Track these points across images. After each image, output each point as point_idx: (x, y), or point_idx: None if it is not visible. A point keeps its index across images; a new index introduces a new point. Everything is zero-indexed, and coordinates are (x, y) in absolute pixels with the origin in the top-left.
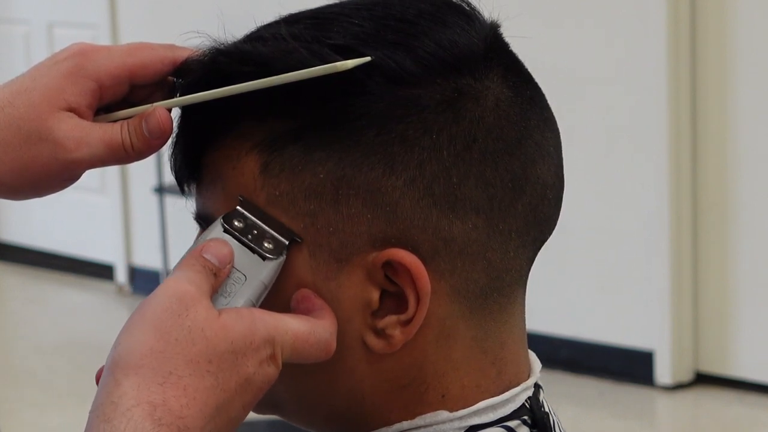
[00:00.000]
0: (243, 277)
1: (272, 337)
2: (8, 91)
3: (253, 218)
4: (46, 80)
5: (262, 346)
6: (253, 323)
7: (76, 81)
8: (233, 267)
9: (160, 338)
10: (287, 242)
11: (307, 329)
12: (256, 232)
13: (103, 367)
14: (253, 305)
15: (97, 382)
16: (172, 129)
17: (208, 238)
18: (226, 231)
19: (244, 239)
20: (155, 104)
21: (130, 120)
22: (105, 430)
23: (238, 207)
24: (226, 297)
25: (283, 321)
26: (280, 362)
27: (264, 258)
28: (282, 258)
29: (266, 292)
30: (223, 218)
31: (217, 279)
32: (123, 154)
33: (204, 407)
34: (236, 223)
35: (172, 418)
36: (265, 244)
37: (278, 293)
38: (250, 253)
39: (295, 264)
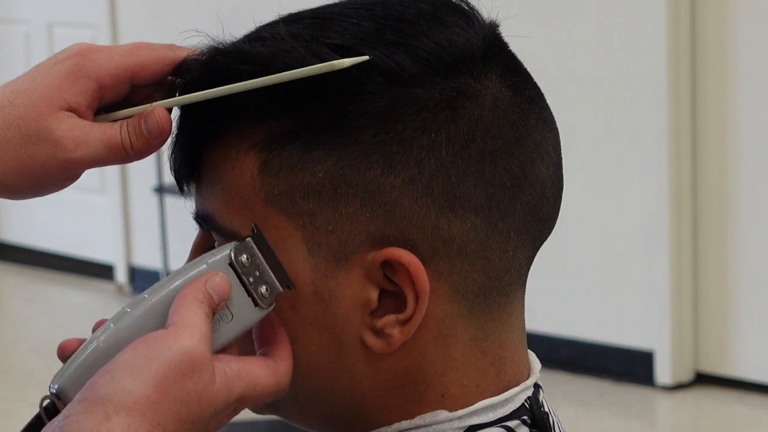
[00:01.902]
0: (230, 315)
1: (243, 396)
2: (8, 90)
3: (260, 257)
4: (46, 80)
5: (234, 403)
6: (232, 388)
7: (76, 81)
8: (226, 307)
9: (159, 391)
10: (282, 290)
11: (273, 382)
12: (258, 273)
13: (69, 341)
14: (229, 344)
15: (61, 358)
16: (171, 128)
17: (212, 261)
18: (231, 264)
19: (245, 279)
20: (154, 104)
21: (129, 120)
22: None
23: (249, 239)
24: (214, 333)
25: (255, 379)
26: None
27: (256, 304)
28: (272, 308)
29: (244, 335)
30: (233, 251)
31: (211, 315)
32: (122, 154)
33: None
34: (243, 259)
35: None
36: (261, 290)
37: None
38: (245, 294)
39: (294, 263)
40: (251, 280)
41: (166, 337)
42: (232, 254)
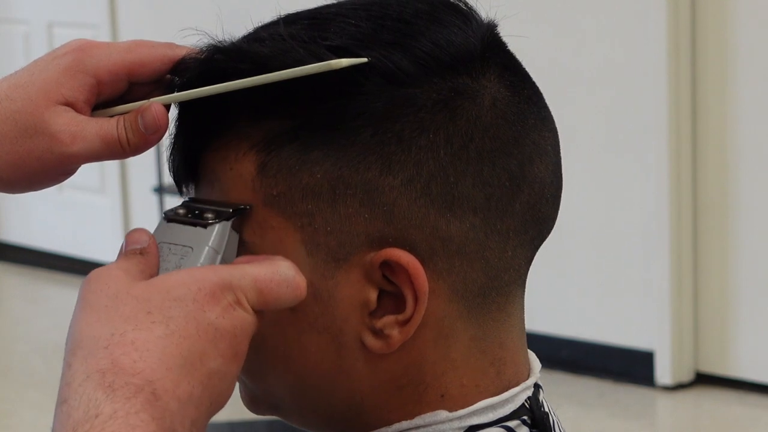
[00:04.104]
0: (189, 249)
1: (228, 282)
2: (6, 84)
3: (196, 204)
4: (45, 75)
5: (219, 293)
6: (191, 274)
7: (74, 76)
8: (179, 245)
9: (91, 312)
10: (231, 210)
11: (269, 270)
12: (197, 211)
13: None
14: None
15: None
16: (167, 124)
17: (153, 232)
18: (169, 221)
19: (186, 219)
20: (151, 100)
21: (126, 115)
22: (62, 413)
23: (183, 201)
24: (178, 269)
25: (239, 267)
26: (248, 306)
27: (206, 226)
28: (225, 222)
29: (219, 258)
30: (165, 211)
31: (149, 255)
32: (119, 149)
33: (163, 357)
34: (179, 211)
35: (126, 377)
36: (207, 215)
37: None
38: (193, 227)
39: (292, 263)
40: (191, 216)
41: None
42: (165, 213)
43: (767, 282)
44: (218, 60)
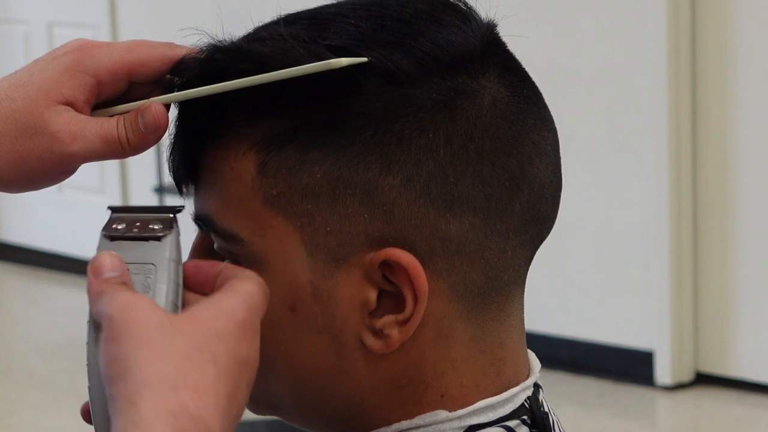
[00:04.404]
0: (152, 267)
1: (253, 309)
2: (6, 84)
3: (129, 215)
4: (45, 74)
5: (250, 322)
6: (220, 306)
7: (74, 76)
8: (138, 263)
9: (147, 346)
10: (172, 215)
11: (259, 286)
12: (138, 224)
13: (87, 402)
14: (177, 284)
15: (84, 418)
16: (167, 124)
17: (97, 254)
18: (113, 239)
19: (131, 236)
20: (151, 99)
21: (126, 114)
22: None
23: (111, 215)
24: (148, 291)
25: (248, 284)
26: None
27: (160, 239)
28: (175, 229)
29: (181, 267)
30: (103, 230)
31: (128, 285)
32: (119, 149)
33: (217, 399)
34: (118, 227)
35: (192, 422)
36: (154, 227)
37: (274, 291)
38: (145, 242)
39: (292, 264)
40: (135, 230)
41: (106, 322)
42: (104, 233)
43: (767, 282)
44: (218, 59)
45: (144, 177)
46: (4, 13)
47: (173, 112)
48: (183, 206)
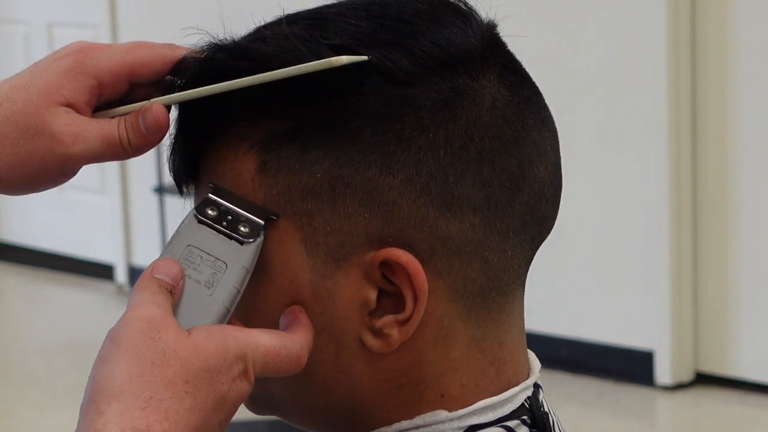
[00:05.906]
0: (224, 265)
1: (244, 353)
2: (7, 86)
3: (226, 204)
4: (46, 76)
5: (234, 363)
6: (224, 340)
7: (75, 77)
8: (213, 256)
9: (136, 363)
10: (263, 222)
11: (278, 343)
12: (230, 217)
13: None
14: (238, 291)
15: None
16: (168, 124)
17: (181, 226)
18: (200, 222)
19: (218, 227)
20: (152, 100)
21: (127, 116)
22: None
23: (210, 195)
24: (210, 287)
25: (253, 336)
26: (252, 377)
27: (242, 243)
28: (260, 239)
29: (249, 276)
30: (195, 209)
31: (174, 296)
32: (120, 150)
33: (185, 429)
34: (210, 212)
35: None
36: (241, 229)
37: (274, 290)
38: (227, 239)
39: (292, 263)
40: (225, 224)
41: (122, 320)
42: (195, 212)
43: (767, 282)
44: (219, 59)
45: (144, 177)
46: (4, 13)
47: (174, 113)
48: (278, 215)
